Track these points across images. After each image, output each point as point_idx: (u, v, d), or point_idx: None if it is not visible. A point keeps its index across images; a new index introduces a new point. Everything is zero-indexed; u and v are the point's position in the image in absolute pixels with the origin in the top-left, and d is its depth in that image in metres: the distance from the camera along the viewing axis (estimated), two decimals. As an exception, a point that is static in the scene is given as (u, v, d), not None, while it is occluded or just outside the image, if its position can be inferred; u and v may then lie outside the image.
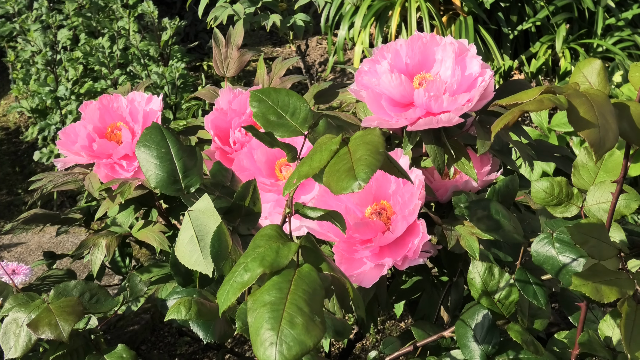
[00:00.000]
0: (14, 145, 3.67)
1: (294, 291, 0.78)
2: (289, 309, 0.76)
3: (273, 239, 0.83)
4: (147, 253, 2.71)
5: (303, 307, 0.77)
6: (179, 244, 1.00)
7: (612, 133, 0.91)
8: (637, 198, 1.18)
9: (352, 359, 2.27)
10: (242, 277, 0.80)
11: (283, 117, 0.95)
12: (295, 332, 0.75)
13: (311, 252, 0.85)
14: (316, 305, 0.78)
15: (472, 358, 1.20)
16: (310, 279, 0.80)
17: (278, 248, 0.82)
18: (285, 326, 0.75)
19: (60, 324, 1.13)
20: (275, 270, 0.80)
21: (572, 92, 0.93)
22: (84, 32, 3.50)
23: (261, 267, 0.80)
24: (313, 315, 0.77)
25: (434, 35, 1.32)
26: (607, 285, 0.99)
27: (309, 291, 0.79)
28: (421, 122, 1.22)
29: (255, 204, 1.11)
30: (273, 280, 0.80)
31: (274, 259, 0.81)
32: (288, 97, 0.97)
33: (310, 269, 0.81)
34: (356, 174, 0.77)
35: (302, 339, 0.75)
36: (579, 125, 0.90)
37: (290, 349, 0.74)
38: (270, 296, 0.78)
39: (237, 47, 1.59)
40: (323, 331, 0.76)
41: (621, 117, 0.95)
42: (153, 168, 1.09)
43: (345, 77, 4.08)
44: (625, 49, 3.69)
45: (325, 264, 0.85)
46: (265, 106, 0.96)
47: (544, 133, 2.92)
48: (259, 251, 0.82)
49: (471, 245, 1.22)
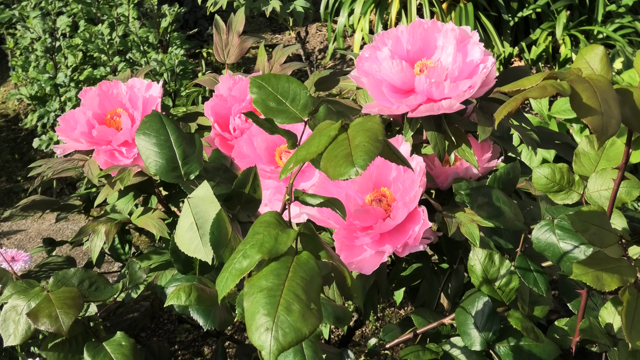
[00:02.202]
0: (13, 133, 3.67)
1: (291, 278, 0.78)
2: (286, 295, 0.76)
3: (272, 226, 0.83)
4: (146, 240, 2.71)
5: (300, 294, 0.76)
6: (178, 231, 1.00)
7: (615, 119, 0.90)
8: (638, 185, 1.18)
9: (352, 346, 2.27)
10: (240, 263, 0.80)
11: (283, 104, 0.95)
12: (292, 319, 0.75)
13: (310, 240, 0.85)
14: (313, 293, 0.78)
15: (472, 345, 1.20)
16: (309, 267, 0.80)
17: (277, 235, 0.82)
18: (282, 312, 0.75)
19: (60, 316, 1.13)
20: (273, 257, 0.80)
21: (575, 78, 0.92)
22: (83, 18, 3.49)
23: (260, 254, 0.79)
24: (310, 303, 0.76)
25: (435, 21, 1.31)
26: (608, 273, 0.99)
27: (307, 278, 0.78)
28: (422, 108, 1.22)
29: (256, 191, 1.11)
30: (271, 266, 0.79)
31: (272, 246, 0.80)
32: (288, 84, 0.96)
33: (308, 257, 0.81)
34: (354, 160, 0.76)
35: (299, 326, 0.74)
36: (581, 111, 0.90)
37: (285, 335, 0.74)
38: (267, 282, 0.78)
39: (238, 34, 1.58)
40: (319, 319, 0.76)
41: (624, 103, 0.95)
42: (153, 155, 1.09)
43: (345, 64, 4.08)
44: (626, 36, 3.68)
45: (324, 251, 0.85)
46: (265, 92, 0.95)
47: (544, 120, 2.91)
48: (258, 238, 0.81)
49: (472, 232, 1.21)
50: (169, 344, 2.33)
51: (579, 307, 1.21)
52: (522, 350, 1.21)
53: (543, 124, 2.89)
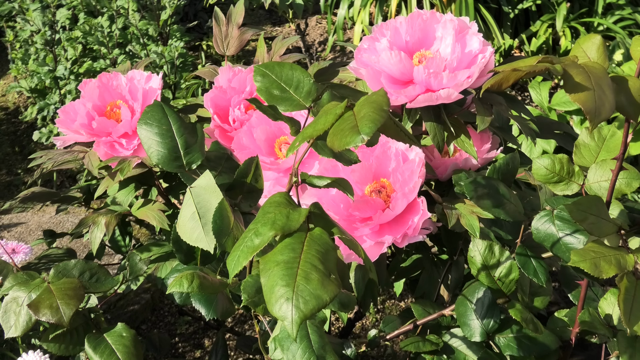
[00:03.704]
0: (13, 125, 3.66)
1: (307, 251, 0.78)
2: (303, 266, 0.76)
3: (282, 205, 0.83)
4: (147, 232, 2.71)
5: (317, 264, 0.77)
6: (180, 221, 1.00)
7: (608, 103, 0.91)
8: (637, 176, 1.18)
9: (352, 338, 2.27)
10: (252, 241, 0.80)
11: (287, 91, 0.95)
12: (312, 286, 0.75)
13: (320, 218, 0.85)
14: (330, 263, 0.78)
15: (472, 336, 1.20)
16: (323, 241, 0.80)
17: (288, 213, 0.82)
18: (300, 282, 0.75)
19: (61, 307, 1.13)
20: (286, 234, 0.80)
21: (570, 63, 0.93)
22: (83, 11, 3.49)
23: (273, 231, 0.80)
24: (328, 272, 0.76)
25: (434, 12, 1.31)
26: (606, 260, 0.99)
27: (322, 251, 0.79)
28: (420, 98, 1.22)
29: (258, 180, 1.11)
30: (285, 242, 0.80)
31: (285, 223, 0.80)
32: (292, 71, 0.96)
33: (321, 232, 0.81)
34: (360, 129, 0.77)
35: (319, 293, 0.74)
36: (574, 92, 0.90)
37: (307, 303, 0.74)
38: (283, 256, 0.78)
39: (237, 26, 1.58)
40: (339, 287, 0.76)
41: (619, 91, 0.95)
42: (155, 145, 1.09)
43: (345, 57, 4.07)
44: (626, 28, 3.68)
45: (336, 228, 0.85)
46: (269, 80, 0.95)
47: (544, 112, 2.91)
48: (269, 216, 0.81)
49: (471, 223, 1.21)
50: (169, 336, 2.33)
51: (579, 298, 1.21)
52: (522, 342, 1.21)
53: (543, 116, 2.89)
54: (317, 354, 1.01)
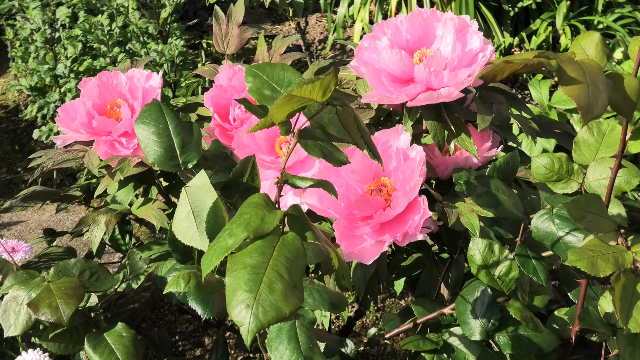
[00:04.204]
0: (13, 124, 3.66)
1: (276, 257, 0.78)
2: (269, 274, 0.76)
3: (259, 207, 0.83)
4: (147, 231, 2.71)
5: (284, 274, 0.76)
6: (176, 220, 1.00)
7: (602, 100, 0.91)
8: (637, 174, 1.18)
9: (352, 337, 2.28)
10: (226, 241, 0.80)
11: (278, 92, 0.94)
12: (274, 297, 0.75)
13: (297, 221, 0.85)
14: (297, 273, 0.78)
15: (471, 334, 1.20)
16: (294, 247, 0.80)
17: (264, 215, 0.82)
18: (264, 290, 0.75)
19: (61, 306, 1.13)
20: (259, 236, 0.80)
21: (566, 59, 0.93)
22: (83, 9, 3.49)
23: (245, 232, 0.79)
24: (293, 283, 0.76)
25: (435, 10, 1.31)
26: (603, 259, 0.99)
27: (292, 259, 0.78)
28: (421, 97, 1.21)
29: (254, 180, 1.11)
30: (256, 244, 0.79)
31: (258, 225, 0.80)
32: (283, 72, 0.96)
33: (294, 237, 0.81)
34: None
35: (280, 305, 0.74)
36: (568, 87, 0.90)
37: (266, 313, 0.74)
38: (252, 259, 0.77)
39: (237, 25, 1.58)
40: (300, 300, 0.76)
41: (615, 89, 0.95)
42: (151, 144, 1.09)
43: (345, 55, 4.07)
44: (626, 26, 3.67)
45: (310, 232, 0.85)
46: (260, 81, 0.95)
47: (544, 110, 2.91)
48: (245, 217, 0.81)
49: (472, 222, 1.21)
50: (169, 334, 2.33)
51: (579, 297, 1.21)
52: (522, 340, 1.21)
53: (543, 114, 2.89)
54: (304, 355, 1.01)
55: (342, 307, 1.11)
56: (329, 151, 0.90)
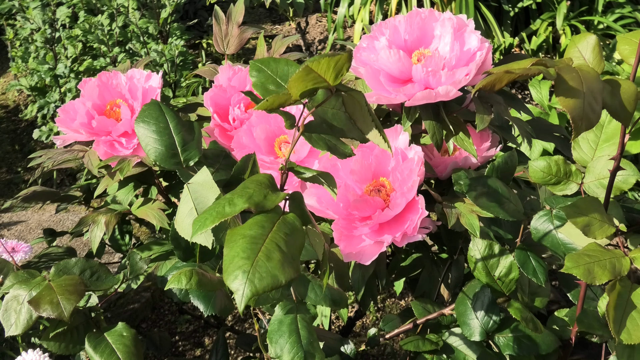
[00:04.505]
0: (13, 124, 3.67)
1: (275, 231, 0.78)
2: (268, 244, 0.76)
3: (263, 185, 0.83)
4: (147, 231, 2.71)
5: (282, 245, 0.77)
6: (178, 217, 1.00)
7: (596, 113, 0.91)
8: (635, 173, 1.18)
9: (353, 337, 2.28)
10: (224, 208, 0.80)
11: (282, 87, 0.94)
12: (271, 265, 0.75)
13: (297, 206, 0.86)
14: (295, 249, 0.78)
15: (471, 335, 1.20)
16: (294, 226, 0.80)
17: (267, 193, 0.82)
18: (261, 257, 0.75)
19: (62, 302, 1.13)
20: (259, 211, 0.80)
21: (564, 67, 0.93)
22: (83, 9, 3.49)
23: (247, 204, 0.79)
24: (290, 256, 0.77)
25: (433, 10, 1.31)
26: (600, 266, 0.99)
27: (290, 234, 0.79)
28: (419, 95, 1.21)
29: (255, 177, 1.11)
30: (257, 218, 0.79)
31: (260, 200, 0.80)
32: (287, 67, 0.96)
33: (294, 218, 0.82)
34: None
35: (276, 273, 0.74)
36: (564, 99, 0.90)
37: (262, 279, 0.74)
38: (251, 231, 0.78)
39: (237, 25, 1.58)
40: (297, 272, 0.76)
41: (613, 95, 0.95)
42: (152, 142, 1.09)
43: (345, 55, 4.06)
44: (626, 26, 3.67)
45: (308, 219, 0.85)
46: (265, 75, 0.95)
47: (544, 110, 2.91)
48: (248, 191, 0.81)
49: (471, 223, 1.21)
50: (169, 334, 2.33)
51: (578, 297, 1.21)
52: (522, 341, 1.21)
53: (543, 114, 2.89)
54: (305, 349, 1.01)
55: (343, 303, 1.11)
56: (334, 144, 0.91)
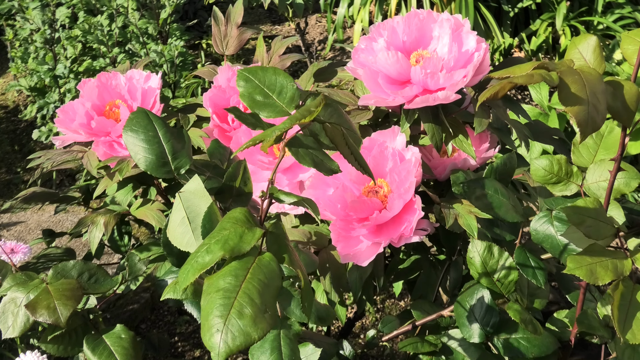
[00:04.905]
0: (12, 124, 3.67)
1: (249, 280, 0.77)
2: (240, 298, 0.75)
3: (239, 223, 0.82)
4: (146, 232, 2.71)
5: (255, 298, 0.76)
6: (170, 226, 1.00)
7: (601, 114, 0.90)
8: (636, 176, 1.18)
9: (352, 337, 2.28)
10: (203, 258, 0.79)
11: (270, 97, 0.94)
12: (243, 322, 0.74)
13: (275, 241, 0.84)
14: (269, 297, 0.77)
15: (470, 337, 1.20)
16: (269, 269, 0.79)
17: (242, 233, 0.81)
18: (233, 315, 0.74)
19: (58, 308, 1.12)
20: (235, 255, 0.79)
21: (566, 70, 0.92)
22: (82, 10, 3.48)
23: (222, 251, 0.79)
24: (264, 308, 0.76)
25: (431, 11, 1.31)
26: (602, 266, 0.99)
27: (265, 282, 0.78)
28: (418, 100, 1.21)
29: (246, 184, 1.10)
30: (231, 265, 0.79)
31: (236, 244, 0.79)
32: (275, 76, 0.95)
33: (270, 259, 0.80)
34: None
35: (248, 330, 0.74)
36: (568, 103, 0.90)
37: (234, 339, 0.73)
38: (225, 282, 0.77)
39: (236, 25, 1.58)
40: (271, 324, 0.76)
41: (615, 96, 0.95)
42: (142, 151, 1.08)
43: (344, 56, 4.07)
44: (626, 27, 3.67)
45: (287, 255, 0.84)
46: (252, 86, 0.94)
47: (544, 111, 2.91)
48: (224, 234, 0.81)
49: (470, 224, 1.21)
50: (169, 335, 2.33)
51: (577, 299, 1.21)
52: (521, 343, 1.21)
53: (543, 115, 2.89)
54: None
55: (329, 320, 1.10)
56: (320, 160, 0.90)
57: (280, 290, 0.79)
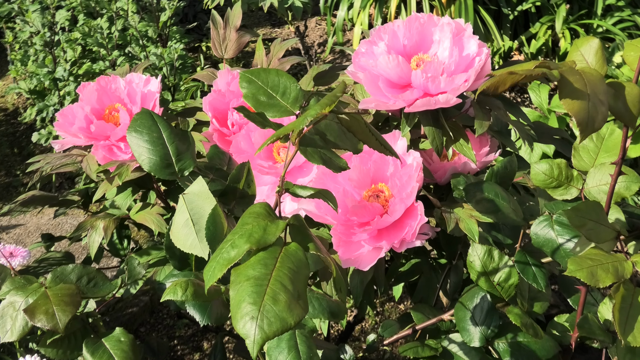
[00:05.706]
0: (12, 127, 3.66)
1: (279, 268, 0.77)
2: (273, 285, 0.75)
3: (261, 217, 0.83)
4: (145, 235, 2.71)
5: (287, 284, 0.76)
6: (174, 228, 1.00)
7: (602, 114, 0.90)
8: (637, 180, 1.18)
9: (352, 341, 2.27)
10: (228, 253, 0.79)
11: (274, 98, 0.94)
12: (278, 308, 0.74)
13: (299, 232, 0.85)
14: (300, 284, 0.77)
15: (471, 341, 1.20)
16: (297, 258, 0.79)
17: (266, 225, 0.81)
18: (268, 302, 0.74)
19: (57, 314, 1.12)
20: (261, 247, 0.79)
21: (567, 69, 0.92)
22: (82, 12, 3.48)
23: (248, 244, 0.79)
24: (296, 294, 0.76)
25: (432, 15, 1.30)
26: (603, 269, 0.99)
27: (294, 269, 0.78)
28: (418, 103, 1.21)
29: (250, 186, 1.10)
30: (259, 255, 0.79)
31: (261, 236, 0.80)
32: (278, 77, 0.95)
33: (297, 248, 0.81)
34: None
35: (284, 316, 0.74)
36: (568, 102, 0.90)
37: (271, 325, 0.73)
38: (255, 271, 0.77)
39: (235, 29, 1.58)
40: (305, 311, 0.76)
41: (616, 97, 0.95)
42: (146, 153, 1.08)
43: (344, 58, 4.07)
44: (626, 30, 3.67)
45: (312, 244, 0.85)
46: (255, 87, 0.94)
47: (544, 114, 2.91)
48: (247, 228, 0.81)
49: (470, 228, 1.21)
50: (168, 338, 2.33)
51: (579, 303, 1.21)
52: (522, 347, 1.20)
53: (543, 118, 2.89)
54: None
55: (342, 315, 1.10)
56: (329, 157, 0.90)
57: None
